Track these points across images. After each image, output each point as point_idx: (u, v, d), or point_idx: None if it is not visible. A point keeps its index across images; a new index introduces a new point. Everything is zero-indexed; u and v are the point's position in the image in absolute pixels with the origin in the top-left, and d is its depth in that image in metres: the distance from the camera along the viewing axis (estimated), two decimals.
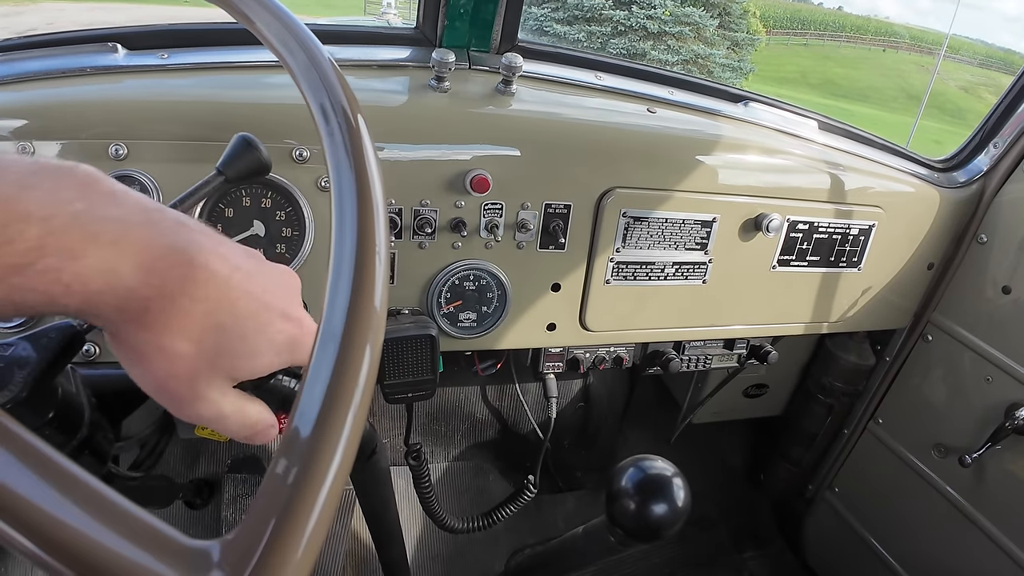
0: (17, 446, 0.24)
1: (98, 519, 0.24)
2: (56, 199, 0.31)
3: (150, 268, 0.34)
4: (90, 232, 0.32)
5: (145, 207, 0.35)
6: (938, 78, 21.48)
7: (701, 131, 1.15)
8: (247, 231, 0.90)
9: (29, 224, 0.30)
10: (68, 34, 1.00)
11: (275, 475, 0.28)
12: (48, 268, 0.30)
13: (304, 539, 0.27)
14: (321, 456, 0.29)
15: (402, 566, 1.15)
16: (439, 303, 1.07)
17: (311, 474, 0.28)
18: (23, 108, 0.87)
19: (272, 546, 0.26)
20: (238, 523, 0.27)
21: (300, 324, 0.43)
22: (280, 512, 0.27)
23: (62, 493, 0.24)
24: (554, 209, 1.06)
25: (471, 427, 1.84)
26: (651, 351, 1.37)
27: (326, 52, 0.52)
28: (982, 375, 1.40)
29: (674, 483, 0.69)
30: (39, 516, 0.23)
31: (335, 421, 0.30)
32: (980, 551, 1.41)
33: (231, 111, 0.92)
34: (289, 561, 0.26)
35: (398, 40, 1.12)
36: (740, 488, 2.03)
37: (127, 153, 0.87)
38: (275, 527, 0.27)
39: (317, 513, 0.28)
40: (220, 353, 0.38)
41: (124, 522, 0.25)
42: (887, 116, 19.87)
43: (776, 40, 25.67)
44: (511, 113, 1.03)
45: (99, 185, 0.33)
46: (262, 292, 0.40)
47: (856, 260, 1.33)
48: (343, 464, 0.30)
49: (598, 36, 15.13)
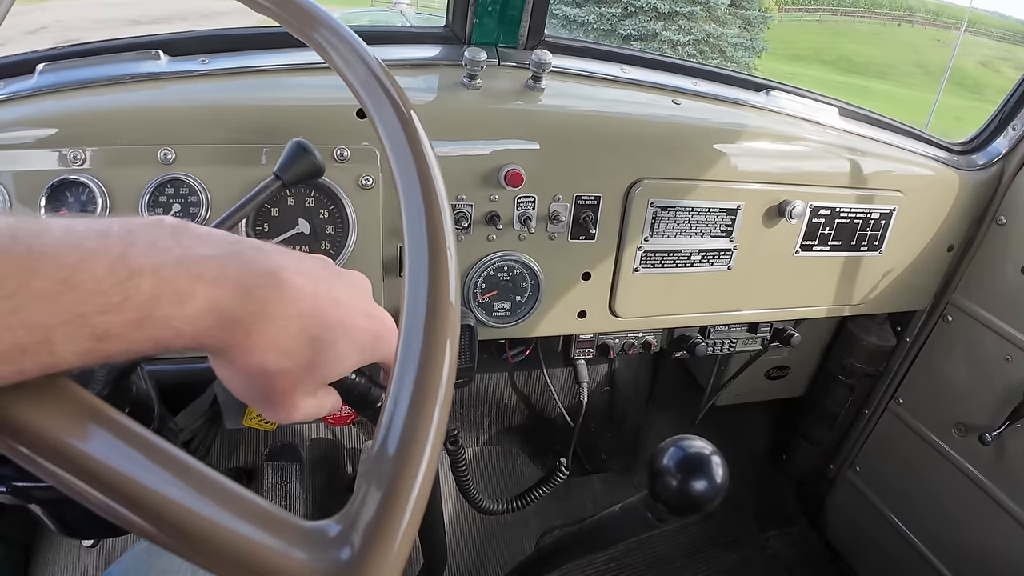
0: (167, 459, 0.29)
1: (233, 512, 0.28)
2: (157, 249, 0.33)
3: (247, 296, 0.36)
4: (194, 274, 0.34)
5: (230, 241, 0.37)
6: (957, 53, 21.07)
7: (725, 121, 1.18)
8: (292, 229, 0.94)
9: (143, 277, 0.31)
10: (113, 42, 1.04)
11: (378, 454, 0.32)
12: (162, 316, 0.32)
13: (409, 507, 0.30)
14: (418, 434, 0.33)
15: (440, 540, 1.21)
16: (475, 294, 1.11)
17: (411, 450, 0.32)
18: (73, 115, 0.92)
19: (382, 516, 0.30)
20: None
21: (381, 321, 0.46)
22: (387, 485, 0.31)
23: (202, 492, 0.28)
24: (584, 201, 1.10)
25: (500, 412, 1.89)
26: (678, 336, 1.41)
27: (380, 62, 0.55)
28: (1002, 355, 1.42)
29: (713, 461, 0.73)
30: (185, 514, 0.28)
31: (428, 403, 0.34)
32: (1001, 527, 1.44)
33: (272, 114, 0.96)
34: (399, 528, 0.30)
35: (428, 39, 1.15)
36: (763, 468, 2.06)
37: (175, 157, 0.90)
38: (383, 499, 0.30)
39: (419, 484, 0.31)
40: (314, 364, 0.41)
41: (253, 512, 0.29)
42: (904, 92, 19.54)
43: (789, 17, 25.25)
44: (541, 108, 1.06)
45: (188, 230, 0.35)
46: (344, 298, 0.43)
47: (877, 244, 1.35)
48: (436, 440, 0.33)
49: (608, 18, 14.96)
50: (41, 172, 0.87)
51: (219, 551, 0.28)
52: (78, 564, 1.51)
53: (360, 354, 0.44)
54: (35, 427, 0.28)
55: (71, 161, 0.87)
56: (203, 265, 0.34)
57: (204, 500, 0.28)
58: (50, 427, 0.28)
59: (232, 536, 0.28)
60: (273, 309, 0.38)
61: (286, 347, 0.39)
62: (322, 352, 0.41)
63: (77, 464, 0.27)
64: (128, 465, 0.28)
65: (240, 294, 0.36)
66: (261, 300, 0.37)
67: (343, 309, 0.42)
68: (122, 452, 0.28)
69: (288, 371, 0.40)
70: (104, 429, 0.29)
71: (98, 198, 0.87)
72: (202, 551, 0.28)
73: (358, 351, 0.44)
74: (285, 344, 0.39)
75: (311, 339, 0.40)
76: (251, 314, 0.37)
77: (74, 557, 1.51)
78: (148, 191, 0.89)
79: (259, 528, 0.28)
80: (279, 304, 0.38)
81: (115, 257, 0.31)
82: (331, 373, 0.43)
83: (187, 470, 0.29)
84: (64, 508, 0.64)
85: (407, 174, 0.47)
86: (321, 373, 0.42)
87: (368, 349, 0.45)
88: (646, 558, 1.80)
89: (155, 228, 0.34)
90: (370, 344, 0.45)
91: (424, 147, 0.50)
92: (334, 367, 0.43)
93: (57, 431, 0.28)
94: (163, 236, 0.34)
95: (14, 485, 0.54)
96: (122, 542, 1.54)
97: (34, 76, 0.96)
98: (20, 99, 0.93)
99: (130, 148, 0.90)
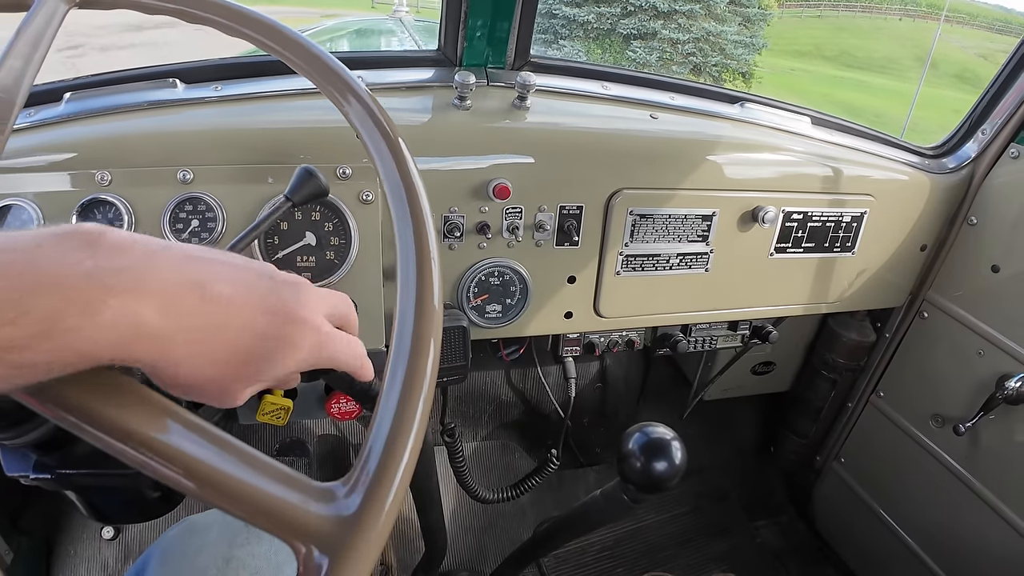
0: (209, 434, 0.37)
1: (267, 476, 0.37)
2: (64, 263, 0.33)
3: (168, 308, 0.36)
4: (105, 286, 0.34)
5: (152, 251, 0.37)
6: (956, 46, 21.01)
7: (700, 132, 1.26)
8: (300, 242, 1.03)
9: (39, 292, 0.31)
10: (133, 72, 1.13)
11: (375, 432, 0.41)
12: (68, 328, 0.32)
13: (400, 469, 0.39)
14: (405, 417, 0.41)
15: (439, 528, 1.30)
16: (468, 297, 1.20)
17: (401, 426, 0.41)
18: (98, 140, 0.99)
19: (379, 476, 0.38)
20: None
21: (318, 331, 0.46)
22: (382, 454, 0.39)
23: (239, 459, 0.37)
24: (568, 210, 1.18)
25: (497, 408, 1.98)
26: (660, 334, 1.49)
27: (367, 92, 0.63)
28: (975, 349, 1.49)
29: (673, 445, 0.82)
30: (223, 478, 0.36)
31: (414, 392, 0.42)
32: (975, 513, 1.50)
33: (280, 136, 1.04)
34: (392, 484, 0.38)
35: (422, 62, 1.24)
36: (751, 460, 2.14)
37: (193, 177, 0.97)
38: (379, 464, 0.39)
39: (408, 452, 0.40)
40: (248, 371, 0.42)
41: (282, 477, 0.37)
42: (904, 86, 19.53)
43: (789, 13, 25.24)
44: (527, 126, 1.14)
45: (104, 240, 0.35)
46: (280, 308, 0.43)
47: (850, 245, 1.43)
48: (420, 422, 0.42)
49: (607, 17, 15.02)
50: (71, 192, 0.94)
51: (258, 506, 0.36)
52: (99, 556, 1.58)
53: (300, 363, 0.45)
54: (123, 420, 0.36)
55: (99, 182, 0.94)
56: (116, 277, 0.34)
57: (246, 468, 0.37)
58: (135, 420, 0.36)
59: (266, 495, 0.36)
60: (196, 322, 0.38)
61: (214, 357, 0.40)
62: (254, 363, 0.42)
63: (157, 450, 0.36)
64: (191, 447, 0.36)
65: (160, 306, 0.36)
66: (184, 313, 0.37)
67: (279, 319, 0.43)
68: (188, 437, 0.37)
69: (220, 378, 0.41)
70: (172, 420, 0.37)
71: (124, 216, 0.95)
72: (245, 507, 0.36)
73: (297, 360, 0.45)
74: (212, 354, 0.39)
75: (240, 350, 0.41)
76: (173, 327, 0.37)
77: (94, 549, 1.58)
78: (169, 209, 0.97)
79: (287, 488, 0.37)
80: (202, 317, 0.38)
81: (14, 274, 0.31)
82: (268, 377, 0.44)
83: (232, 448, 0.37)
84: (97, 495, 0.69)
85: (397, 198, 0.55)
86: (258, 378, 0.43)
87: (311, 358, 0.46)
88: (638, 548, 1.88)
89: (66, 240, 0.34)
90: (312, 353, 0.45)
91: (411, 173, 0.58)
92: (270, 372, 0.43)
93: (140, 424, 0.36)
94: (73, 248, 0.34)
95: (58, 472, 0.59)
96: (140, 535, 1.62)
97: (61, 104, 1.03)
98: (49, 125, 1.00)
99: (152, 170, 0.97)
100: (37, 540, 1.53)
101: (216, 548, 0.85)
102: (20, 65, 0.55)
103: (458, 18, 1.16)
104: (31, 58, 0.56)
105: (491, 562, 1.77)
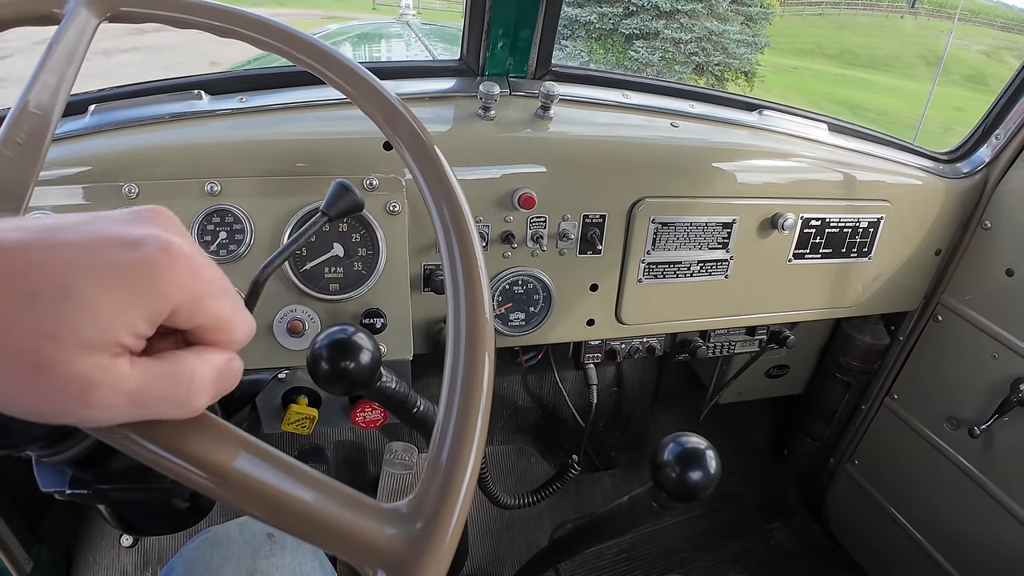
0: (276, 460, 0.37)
1: (338, 502, 0.37)
2: None
3: None
4: None
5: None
6: (959, 43, 21.01)
7: (720, 141, 1.27)
8: (328, 252, 1.03)
9: None
10: (158, 83, 1.14)
11: (435, 453, 0.41)
12: None
13: (463, 490, 0.40)
14: (465, 438, 0.42)
15: (463, 541, 1.30)
16: (492, 306, 1.20)
17: (460, 452, 0.41)
18: (124, 152, 0.99)
19: (443, 497, 0.39)
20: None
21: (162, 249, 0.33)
22: (443, 477, 0.40)
23: (303, 484, 0.37)
24: (591, 219, 1.19)
25: (515, 414, 1.99)
26: (680, 340, 1.50)
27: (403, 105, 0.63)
28: (989, 352, 1.50)
29: (707, 454, 0.83)
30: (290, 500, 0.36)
31: (472, 410, 0.43)
32: (990, 515, 1.51)
33: (307, 147, 1.04)
34: (454, 510, 0.39)
35: (443, 72, 1.24)
36: (765, 463, 2.15)
37: (221, 189, 0.97)
38: (441, 484, 0.40)
39: (468, 474, 0.40)
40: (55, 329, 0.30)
41: (352, 502, 0.38)
42: (907, 84, 19.50)
43: (791, 11, 25.21)
44: (550, 136, 1.15)
45: None
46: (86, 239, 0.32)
47: (866, 250, 1.44)
48: (480, 441, 0.42)
49: (610, 17, 15.01)
50: (97, 206, 0.94)
51: (332, 532, 0.37)
52: (118, 564, 1.59)
53: (127, 296, 0.31)
54: (202, 453, 0.36)
55: (126, 195, 0.94)
56: None
57: (318, 495, 0.37)
58: (209, 451, 0.36)
59: (337, 520, 0.37)
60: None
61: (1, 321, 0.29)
62: (55, 312, 0.30)
63: (235, 481, 0.36)
64: (267, 476, 0.37)
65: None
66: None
67: (82, 251, 0.31)
68: (263, 467, 0.37)
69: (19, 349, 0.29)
70: (249, 452, 0.37)
71: None
72: (319, 533, 0.37)
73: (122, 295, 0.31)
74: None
75: (27, 300, 0.30)
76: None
77: (113, 557, 1.59)
78: (197, 221, 0.97)
79: (356, 512, 0.38)
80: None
81: None
82: (92, 333, 0.31)
83: (303, 475, 0.38)
84: (129, 507, 0.69)
85: (441, 209, 0.55)
86: (74, 338, 0.30)
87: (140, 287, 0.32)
88: (655, 550, 1.89)
89: None
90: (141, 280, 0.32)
91: (453, 186, 0.58)
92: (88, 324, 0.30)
93: (213, 453, 0.36)
94: None
95: (95, 487, 0.58)
96: (159, 542, 1.63)
97: (86, 116, 1.03)
98: (74, 137, 1.01)
99: (179, 182, 0.97)
100: (57, 548, 1.53)
101: (240, 561, 0.85)
102: (55, 81, 0.55)
103: (481, 27, 1.16)
104: (64, 74, 0.56)
105: (509, 566, 1.78)
